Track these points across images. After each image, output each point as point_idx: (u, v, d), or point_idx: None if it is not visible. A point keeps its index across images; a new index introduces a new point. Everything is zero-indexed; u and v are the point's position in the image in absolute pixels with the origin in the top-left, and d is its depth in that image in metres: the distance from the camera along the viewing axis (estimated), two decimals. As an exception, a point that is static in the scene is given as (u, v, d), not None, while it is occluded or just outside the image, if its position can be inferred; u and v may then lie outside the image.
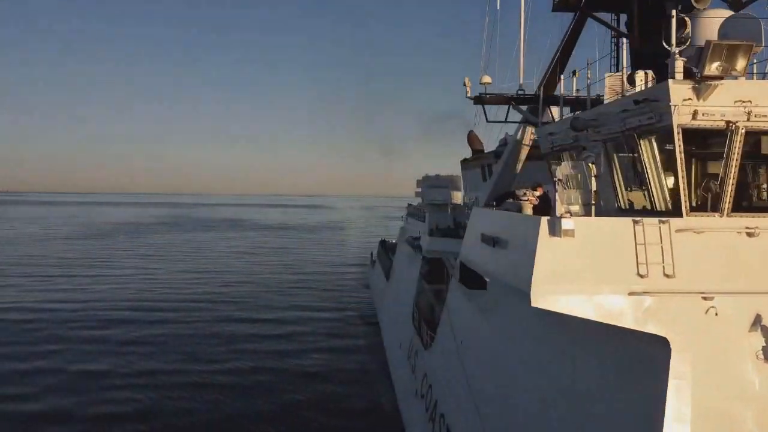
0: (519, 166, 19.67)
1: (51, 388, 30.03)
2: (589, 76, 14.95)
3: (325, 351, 38.42)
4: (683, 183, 10.84)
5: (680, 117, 10.57)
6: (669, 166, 11.20)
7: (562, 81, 18.41)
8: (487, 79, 18.19)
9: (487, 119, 19.34)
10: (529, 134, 18.75)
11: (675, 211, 11.09)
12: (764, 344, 9.61)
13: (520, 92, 17.13)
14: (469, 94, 17.35)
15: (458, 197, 32.95)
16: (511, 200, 13.59)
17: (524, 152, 19.25)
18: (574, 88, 17.33)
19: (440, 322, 20.37)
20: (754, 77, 13.27)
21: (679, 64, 10.83)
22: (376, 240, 72.81)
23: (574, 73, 17.08)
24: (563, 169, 13.48)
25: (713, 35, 12.11)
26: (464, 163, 33.93)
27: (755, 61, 13.26)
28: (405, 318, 28.36)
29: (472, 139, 32.97)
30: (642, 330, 9.53)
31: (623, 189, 13.07)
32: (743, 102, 10.52)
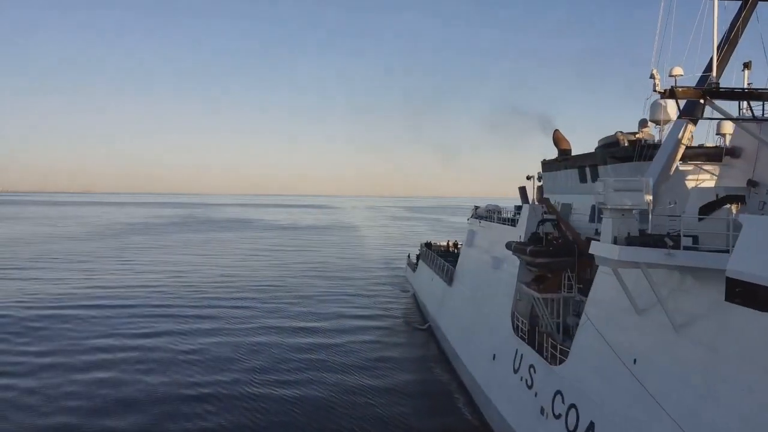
0: (674, 166, 18.06)
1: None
2: None
3: (383, 360, 36.87)
4: None
5: None
6: None
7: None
8: (678, 70, 16.56)
9: (680, 114, 17.50)
10: (689, 132, 17.13)
11: None
12: None
13: (712, 85, 15.37)
14: (658, 88, 15.67)
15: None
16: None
17: (681, 152, 17.64)
18: (746, 81, 15.67)
19: (578, 335, 18.74)
20: None
21: None
22: (383, 236, 71.00)
23: (747, 65, 15.44)
24: None
25: None
26: (547, 163, 32.27)
27: None
28: (499, 327, 26.70)
29: (558, 138, 31.34)
30: None
31: None
32: None
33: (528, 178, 36.37)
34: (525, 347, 23.26)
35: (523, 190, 35.00)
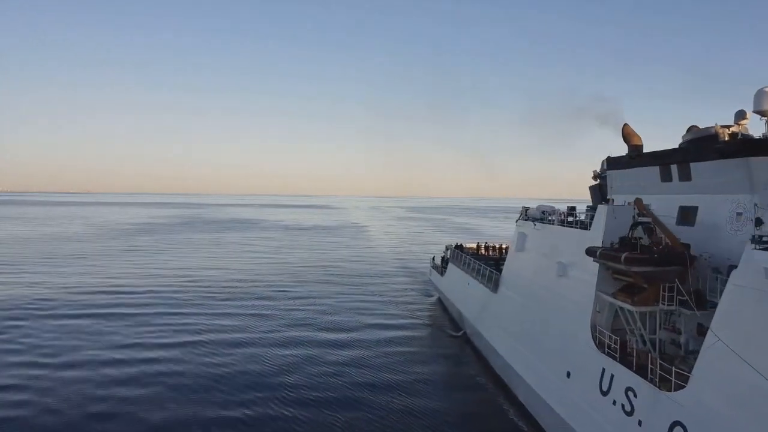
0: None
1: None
2: None
3: (424, 375, 34.22)
4: None
5: None
6: None
7: None
8: None
9: None
10: None
11: None
12: None
13: None
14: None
15: None
16: None
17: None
18: None
19: (705, 357, 16.09)
20: None
21: None
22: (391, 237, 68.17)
23: None
24: None
25: None
26: (615, 160, 29.52)
27: None
28: (574, 341, 24.01)
29: (628, 133, 28.61)
30: None
31: None
32: None
33: (595, 177, 33.71)
34: (616, 366, 20.56)
35: (595, 190, 32.30)
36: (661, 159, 24.73)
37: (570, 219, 28.60)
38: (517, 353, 30.09)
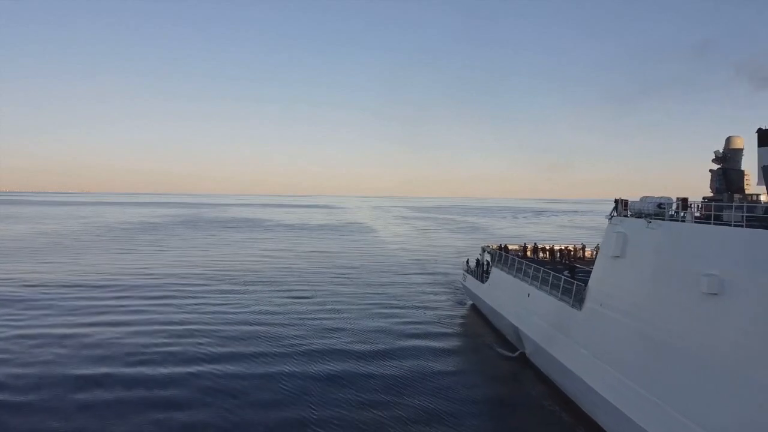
0: None
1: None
2: None
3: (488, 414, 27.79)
4: None
5: None
6: None
7: None
8: None
9: None
10: None
11: None
12: None
13: None
14: None
15: None
16: None
17: None
18: None
19: None
20: None
21: None
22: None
23: None
24: None
25: None
26: (770, 134, 22.01)
27: None
28: (735, 384, 16.53)
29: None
30: None
31: None
32: None
33: (719, 159, 26.11)
34: None
35: (719, 175, 24.85)
36: None
37: (720, 213, 20.83)
38: (623, 390, 22.69)
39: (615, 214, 27.72)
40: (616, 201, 28.02)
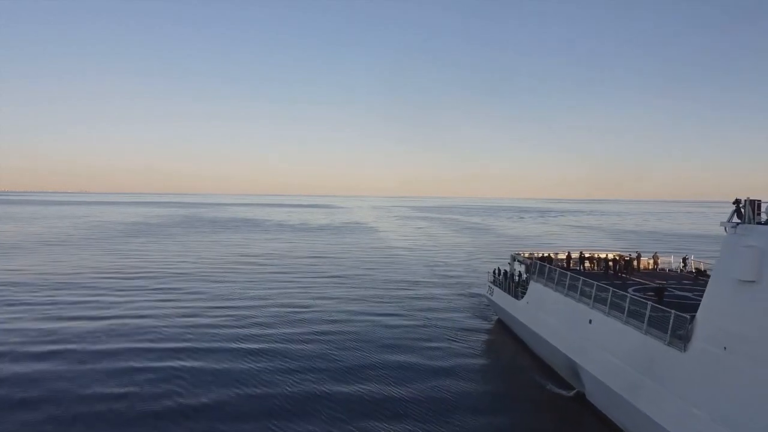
0: None
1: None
2: None
3: None
4: None
5: None
6: None
7: None
8: None
9: None
10: None
11: None
12: None
13: None
14: None
15: None
16: None
17: None
18: None
19: None
20: None
21: None
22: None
23: None
24: None
25: None
26: None
27: None
28: None
29: None
30: None
31: None
32: None
33: None
34: None
35: None
36: None
37: None
38: None
39: (739, 220, 20.09)
40: (736, 202, 20.42)
